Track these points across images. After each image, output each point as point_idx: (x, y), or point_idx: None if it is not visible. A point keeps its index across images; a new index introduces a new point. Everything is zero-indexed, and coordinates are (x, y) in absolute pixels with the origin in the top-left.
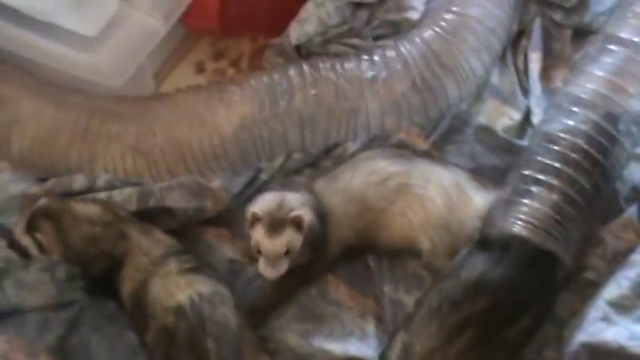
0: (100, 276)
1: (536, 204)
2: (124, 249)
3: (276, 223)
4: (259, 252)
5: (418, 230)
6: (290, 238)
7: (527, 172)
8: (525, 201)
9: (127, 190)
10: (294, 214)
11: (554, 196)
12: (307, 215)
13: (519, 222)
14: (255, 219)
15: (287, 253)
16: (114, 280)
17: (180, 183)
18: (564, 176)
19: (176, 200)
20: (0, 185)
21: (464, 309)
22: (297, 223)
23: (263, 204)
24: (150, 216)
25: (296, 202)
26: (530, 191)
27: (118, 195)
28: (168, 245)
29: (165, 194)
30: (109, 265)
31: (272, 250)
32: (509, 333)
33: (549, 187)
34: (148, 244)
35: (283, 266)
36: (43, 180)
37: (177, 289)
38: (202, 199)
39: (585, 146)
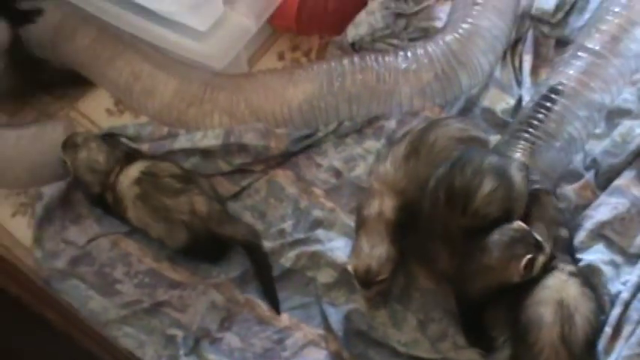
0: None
1: (523, 143)
2: None
3: (367, 284)
4: None
5: None
6: (379, 288)
7: (516, 128)
8: (519, 142)
9: (218, 130)
10: (379, 279)
11: (537, 140)
12: (389, 272)
13: (517, 154)
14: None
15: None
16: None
17: (254, 127)
18: (537, 131)
19: (250, 139)
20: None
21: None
22: (382, 282)
23: (356, 265)
24: (231, 152)
25: (379, 265)
26: (519, 137)
27: (210, 133)
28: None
29: (243, 134)
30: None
31: (367, 297)
32: None
33: (532, 136)
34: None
35: (378, 300)
36: None
37: (130, 172)
38: (268, 139)
39: (552, 115)
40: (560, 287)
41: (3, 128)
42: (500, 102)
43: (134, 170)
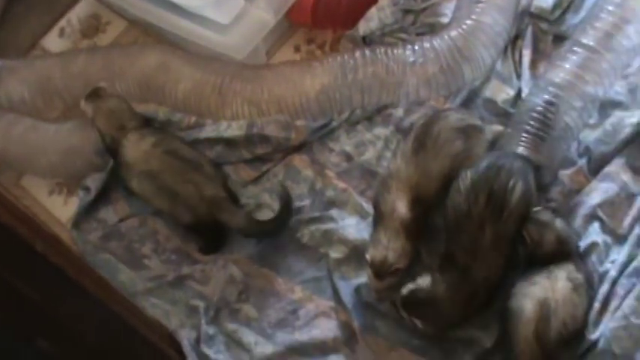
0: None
1: (526, 136)
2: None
3: (381, 274)
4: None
5: None
6: (390, 282)
7: (518, 122)
8: (522, 134)
9: (241, 122)
10: (394, 268)
11: (539, 132)
12: (404, 265)
13: (520, 147)
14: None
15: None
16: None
17: (276, 119)
18: (539, 124)
19: (271, 130)
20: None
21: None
22: (396, 273)
23: (373, 255)
24: (253, 142)
25: (396, 257)
26: (523, 130)
27: (235, 124)
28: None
29: (265, 125)
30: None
31: (377, 288)
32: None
33: (533, 128)
34: None
35: (386, 295)
36: None
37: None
38: (289, 131)
39: (553, 108)
40: (548, 287)
41: (44, 122)
42: (501, 93)
43: (146, 144)
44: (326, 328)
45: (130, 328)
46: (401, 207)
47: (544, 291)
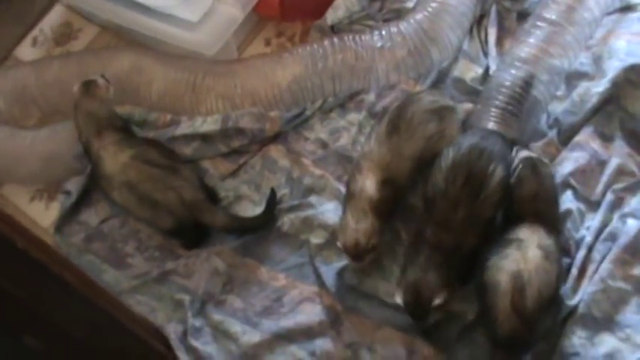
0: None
1: (496, 111)
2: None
3: (357, 257)
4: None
5: None
6: (370, 258)
7: (488, 97)
8: (492, 110)
9: (216, 116)
10: (369, 246)
11: (509, 107)
12: (377, 241)
13: (490, 122)
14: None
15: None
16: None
17: (250, 111)
18: (508, 99)
19: (246, 122)
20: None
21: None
22: (373, 250)
23: (344, 241)
24: (229, 136)
25: (366, 237)
26: (492, 105)
27: (210, 119)
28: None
29: (239, 118)
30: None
31: (355, 266)
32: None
33: (503, 103)
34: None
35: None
36: None
37: (118, 156)
38: (263, 122)
39: (521, 83)
40: (520, 259)
41: (21, 130)
42: (470, 72)
43: (124, 156)
44: (311, 313)
45: (118, 324)
46: (369, 186)
47: (516, 263)
